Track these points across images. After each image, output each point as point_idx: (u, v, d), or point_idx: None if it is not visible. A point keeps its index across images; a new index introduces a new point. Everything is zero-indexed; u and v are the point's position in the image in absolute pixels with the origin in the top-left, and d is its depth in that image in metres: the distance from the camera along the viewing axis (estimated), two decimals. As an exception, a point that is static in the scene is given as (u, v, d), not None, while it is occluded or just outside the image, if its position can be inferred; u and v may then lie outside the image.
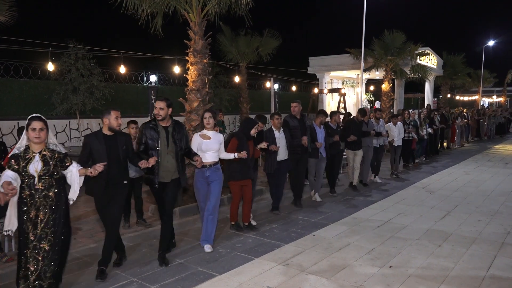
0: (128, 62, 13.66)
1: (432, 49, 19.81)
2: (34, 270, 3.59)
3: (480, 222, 6.20)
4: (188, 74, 7.60)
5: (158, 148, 4.59)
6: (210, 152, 5.14)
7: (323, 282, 4.14)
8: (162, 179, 4.63)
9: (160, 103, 4.61)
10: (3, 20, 8.39)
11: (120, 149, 4.27)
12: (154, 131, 4.62)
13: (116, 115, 4.26)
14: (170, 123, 4.72)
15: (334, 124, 7.94)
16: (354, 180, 8.61)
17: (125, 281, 4.20)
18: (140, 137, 4.69)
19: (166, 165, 4.63)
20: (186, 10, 7.33)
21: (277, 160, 6.51)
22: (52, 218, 3.65)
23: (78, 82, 11.15)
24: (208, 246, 5.05)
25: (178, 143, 4.69)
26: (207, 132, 5.20)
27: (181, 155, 4.76)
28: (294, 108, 7.11)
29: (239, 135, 5.67)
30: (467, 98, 35.92)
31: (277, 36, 15.85)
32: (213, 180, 5.14)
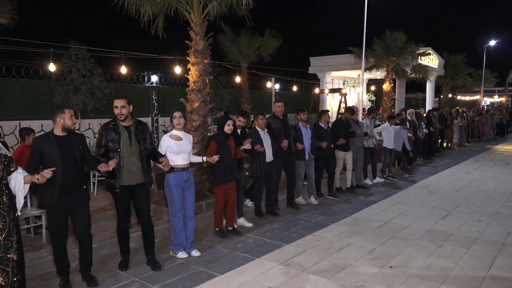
0: (129, 62, 13.69)
1: (433, 49, 19.80)
2: (5, 285, 3.34)
3: (481, 222, 6.21)
4: (189, 75, 7.62)
5: (120, 150, 4.29)
6: (184, 154, 4.82)
7: (324, 282, 4.15)
8: (126, 183, 4.34)
9: (120, 101, 4.28)
10: (4, 23, 8.42)
11: (76, 150, 3.96)
12: (115, 132, 4.32)
13: (70, 113, 3.97)
14: (132, 123, 4.43)
15: (324, 124, 7.67)
16: (348, 182, 8.41)
17: (127, 281, 4.22)
18: (99, 139, 4.35)
19: (130, 167, 4.34)
20: (187, 11, 7.35)
21: (268, 161, 6.36)
22: (12, 225, 3.40)
23: (79, 82, 11.16)
24: (196, 252, 4.93)
25: (142, 143, 4.41)
26: (178, 132, 4.86)
27: (146, 156, 4.47)
28: (278, 108, 6.90)
29: (217, 137, 5.44)
30: (469, 98, 35.87)
31: (278, 36, 15.88)
32: (190, 185, 4.91)
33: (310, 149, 7.23)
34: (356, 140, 8.49)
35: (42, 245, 5.27)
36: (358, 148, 8.57)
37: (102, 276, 4.33)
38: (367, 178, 9.22)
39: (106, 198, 7.75)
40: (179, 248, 4.87)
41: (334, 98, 20.37)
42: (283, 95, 20.20)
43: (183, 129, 4.94)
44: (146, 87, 14.40)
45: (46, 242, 5.31)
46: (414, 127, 11.26)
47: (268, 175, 6.47)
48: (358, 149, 8.60)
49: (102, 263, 4.70)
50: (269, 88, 18.08)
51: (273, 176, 6.57)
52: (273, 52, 16.10)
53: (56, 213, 3.90)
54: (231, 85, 16.41)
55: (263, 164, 6.26)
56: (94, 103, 11.42)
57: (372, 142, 9.22)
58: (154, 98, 14.28)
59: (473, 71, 27.26)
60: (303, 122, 7.21)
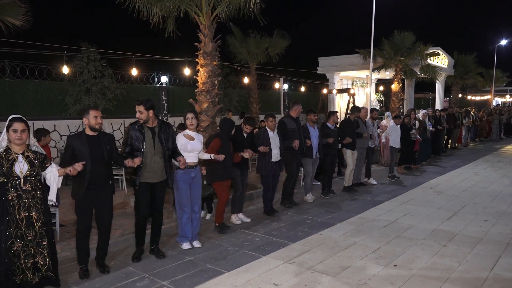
0: (139, 63, 13.91)
1: (443, 48, 19.73)
2: (43, 264, 3.87)
3: (486, 222, 6.24)
4: (198, 76, 7.77)
5: (143, 149, 4.59)
6: (194, 152, 5.15)
7: (328, 279, 4.25)
8: (148, 180, 4.67)
9: (139, 107, 4.61)
10: (18, 24, 8.63)
11: (104, 149, 4.27)
12: (140, 132, 4.63)
13: (95, 114, 4.23)
14: (157, 124, 4.72)
15: (332, 124, 7.84)
16: (349, 181, 8.50)
17: (137, 277, 4.36)
18: (126, 139, 4.71)
19: (153, 166, 4.65)
20: (197, 13, 7.50)
21: (274, 160, 6.55)
22: (45, 218, 3.87)
23: (91, 83, 11.40)
24: (198, 243, 5.26)
25: (165, 143, 4.71)
26: (191, 132, 5.20)
27: (169, 155, 4.79)
28: (298, 111, 7.14)
29: (222, 136, 5.74)
30: (479, 98, 35.55)
31: (286, 37, 16.00)
32: (197, 181, 5.21)
33: (317, 148, 7.41)
34: (362, 141, 8.64)
35: (56, 242, 5.43)
36: (364, 148, 8.80)
37: (113, 272, 4.48)
38: (371, 178, 9.34)
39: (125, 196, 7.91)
40: (184, 240, 5.20)
41: (342, 98, 20.41)
42: (291, 95, 20.28)
43: (195, 130, 5.26)
44: (156, 87, 14.60)
45: (59, 239, 5.47)
46: (424, 127, 11.25)
47: (274, 174, 6.65)
48: (363, 149, 8.81)
49: (113, 259, 4.85)
50: (277, 88, 18.17)
51: (276, 175, 6.73)
52: (281, 52, 16.23)
53: (84, 205, 4.27)
54: (239, 85, 16.55)
55: (269, 163, 6.48)
56: (105, 103, 11.64)
57: (372, 142, 9.34)
58: (164, 99, 14.46)
59: (484, 71, 27.05)
60: (311, 123, 7.39)
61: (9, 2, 8.25)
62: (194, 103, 7.75)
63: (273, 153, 6.52)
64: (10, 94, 11.00)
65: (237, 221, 6.27)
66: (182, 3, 7.29)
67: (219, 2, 7.41)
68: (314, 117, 7.44)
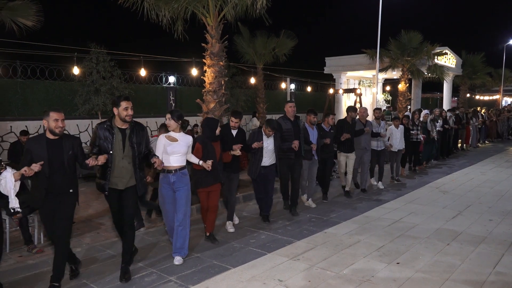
0: (147, 63, 14.08)
1: (450, 48, 19.64)
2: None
3: (491, 222, 6.27)
4: (205, 76, 7.89)
5: (112, 151, 4.17)
6: (176, 155, 4.71)
7: (332, 276, 4.33)
8: (114, 186, 4.25)
9: (129, 103, 4.21)
10: (30, 25, 8.80)
11: (65, 155, 3.92)
12: (109, 132, 4.20)
13: (55, 117, 3.87)
14: (128, 125, 4.27)
15: (327, 126, 7.39)
16: (347, 186, 8.10)
17: (145, 272, 4.48)
18: (93, 139, 4.26)
19: (120, 171, 4.22)
20: (204, 15, 7.61)
21: (264, 165, 6.14)
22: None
23: (100, 83, 11.57)
24: (178, 259, 4.72)
25: (136, 147, 4.28)
26: (174, 134, 4.77)
27: (140, 160, 4.34)
28: (290, 109, 6.69)
29: (202, 139, 5.29)
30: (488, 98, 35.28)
31: (293, 37, 16.06)
32: (179, 187, 4.72)
33: (315, 149, 7.07)
34: (361, 141, 8.15)
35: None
36: (363, 150, 8.24)
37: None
38: (380, 182, 8.93)
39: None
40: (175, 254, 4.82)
41: (349, 98, 20.41)
42: (298, 95, 20.35)
43: (181, 131, 4.84)
44: (164, 87, 14.77)
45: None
46: (425, 128, 10.95)
47: (265, 179, 6.24)
48: (363, 151, 8.27)
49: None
50: (284, 88, 18.25)
51: (269, 180, 6.30)
52: (288, 52, 16.28)
53: (45, 214, 4.01)
54: (246, 85, 16.65)
55: (258, 166, 6.10)
56: (114, 103, 11.79)
57: (377, 144, 8.80)
58: (172, 99, 14.64)
59: (492, 70, 26.85)
60: (310, 124, 7.05)
61: (21, 3, 8.41)
62: (201, 103, 7.87)
63: (263, 157, 6.12)
64: (22, 94, 11.22)
65: (230, 229, 5.95)
66: (189, 4, 7.40)
67: (226, 3, 7.52)
68: (314, 118, 7.04)
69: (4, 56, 11.20)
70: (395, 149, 9.37)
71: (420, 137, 10.41)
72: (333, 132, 7.48)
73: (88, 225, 6.21)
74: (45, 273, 4.37)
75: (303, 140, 6.73)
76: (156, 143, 4.78)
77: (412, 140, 10.20)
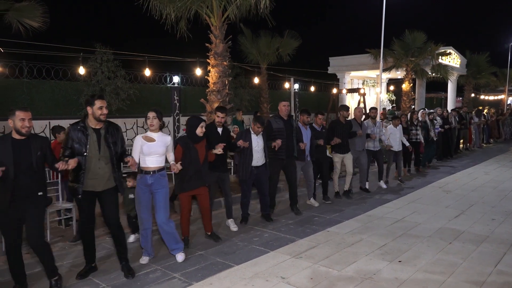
0: (152, 63, 14.17)
1: (455, 48, 19.62)
2: None
3: (494, 221, 6.29)
4: (209, 76, 7.95)
5: (86, 153, 4.05)
6: (154, 156, 4.57)
7: (334, 273, 4.38)
8: (91, 188, 4.13)
9: (104, 102, 4.11)
10: (36, 26, 8.91)
11: (33, 156, 3.74)
12: (83, 133, 4.07)
13: (22, 116, 3.71)
14: (103, 125, 4.18)
15: (318, 126, 7.22)
16: (346, 186, 7.99)
17: (150, 269, 4.55)
18: (65, 141, 4.11)
19: (98, 172, 4.11)
20: (208, 15, 7.67)
21: (256, 165, 5.99)
22: None
23: (104, 83, 11.67)
24: (181, 255, 4.74)
25: (113, 147, 4.18)
26: (152, 134, 4.64)
27: (117, 160, 4.25)
28: (284, 108, 6.50)
29: (183, 140, 5.07)
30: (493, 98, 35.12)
31: (297, 37, 16.12)
32: (157, 189, 4.59)
33: (309, 150, 6.93)
34: (356, 143, 7.93)
35: (72, 236, 5.66)
36: (358, 151, 8.03)
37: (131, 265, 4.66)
38: (381, 181, 8.87)
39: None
40: (144, 253, 4.79)
41: (353, 98, 20.43)
42: (302, 95, 20.37)
43: (159, 130, 4.74)
44: (168, 87, 14.85)
45: (75, 233, 5.69)
46: (426, 128, 10.72)
47: (257, 179, 6.12)
48: (359, 153, 8.06)
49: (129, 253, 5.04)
50: (287, 88, 18.29)
51: (262, 180, 6.17)
52: (292, 52, 16.33)
53: (8, 217, 3.74)
54: (250, 85, 16.71)
55: (248, 167, 5.95)
56: (118, 103, 11.90)
57: (373, 145, 8.56)
58: (176, 98, 14.69)
59: (497, 70, 26.76)
60: (303, 124, 6.89)
61: (27, 4, 8.52)
62: (205, 103, 7.94)
63: (254, 156, 5.95)
64: (28, 94, 11.35)
65: (233, 227, 5.93)
66: (193, 4, 7.47)
67: (229, 3, 7.58)
68: (307, 118, 6.89)
69: (10, 57, 11.33)
70: (396, 149, 9.19)
71: (419, 137, 10.22)
72: (324, 132, 7.33)
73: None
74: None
75: (296, 141, 6.55)
76: (134, 143, 4.61)
77: (412, 141, 10.00)
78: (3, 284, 4.18)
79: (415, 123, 10.24)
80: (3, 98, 10.81)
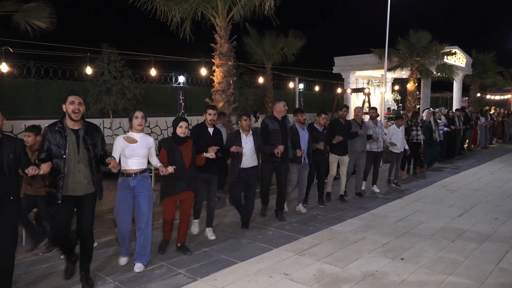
0: (158, 63, 14.30)
1: (461, 47, 19.55)
2: None
3: (497, 220, 6.32)
4: (214, 76, 8.04)
5: (65, 156, 3.82)
6: (136, 158, 4.38)
7: (336, 270, 4.44)
8: (72, 193, 3.89)
9: (77, 98, 3.86)
10: (43, 27, 9.04)
11: (4, 158, 3.49)
12: (61, 135, 3.83)
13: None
14: (82, 126, 3.95)
15: (320, 126, 6.97)
16: (341, 189, 7.68)
17: (155, 265, 4.63)
18: (42, 143, 3.87)
19: (77, 176, 3.89)
20: (213, 15, 7.75)
21: (243, 167, 5.69)
22: None
23: (111, 83, 11.80)
24: (139, 266, 4.48)
25: (92, 149, 3.97)
26: (134, 134, 4.43)
27: (96, 163, 4.02)
28: (283, 108, 6.26)
29: (167, 142, 4.83)
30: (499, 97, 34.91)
31: (301, 37, 16.18)
32: (140, 192, 4.40)
33: (306, 152, 6.58)
34: (356, 144, 7.62)
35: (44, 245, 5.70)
36: (358, 153, 7.70)
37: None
38: (375, 186, 8.43)
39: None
40: (123, 251, 4.63)
41: (358, 98, 20.42)
42: (306, 95, 20.43)
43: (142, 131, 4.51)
44: (174, 87, 14.97)
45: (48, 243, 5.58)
46: (430, 128, 10.45)
47: (245, 182, 5.82)
48: (358, 154, 7.72)
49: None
50: (292, 88, 18.35)
51: (250, 184, 5.87)
52: (297, 52, 16.39)
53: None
54: (255, 85, 16.79)
55: (237, 169, 5.69)
56: (125, 103, 12.03)
57: (377, 146, 8.29)
58: (181, 98, 14.83)
59: (503, 70, 26.60)
60: (300, 124, 6.61)
61: (35, 5, 8.66)
62: (210, 102, 8.02)
63: (243, 158, 5.68)
64: (35, 94, 11.51)
65: (195, 229, 5.66)
66: (199, 5, 7.55)
67: (234, 4, 7.65)
68: (302, 116, 6.63)
69: (18, 57, 11.50)
70: (398, 150, 8.85)
71: (420, 138, 9.76)
72: (325, 132, 7.04)
73: (99, 220, 6.36)
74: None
75: (291, 143, 6.29)
76: (114, 145, 4.38)
77: (412, 141, 9.59)
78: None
79: (414, 123, 9.75)
80: (12, 98, 10.97)
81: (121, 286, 4.13)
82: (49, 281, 4.23)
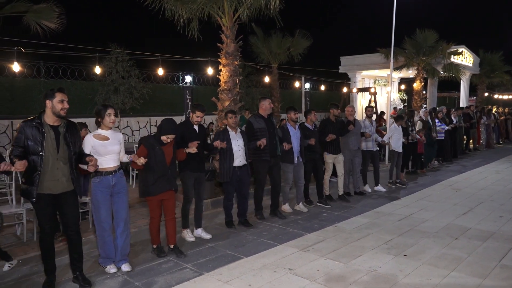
0: (164, 63, 14.45)
1: (468, 47, 19.47)
2: None
3: (501, 218, 6.34)
4: (220, 75, 8.14)
5: (42, 153, 3.72)
6: (111, 155, 4.29)
7: (340, 266, 4.52)
8: (48, 191, 3.80)
9: (65, 96, 3.83)
10: (53, 27, 9.20)
11: None
12: (38, 131, 3.73)
13: None
14: (62, 123, 3.88)
15: (310, 124, 6.98)
16: (339, 190, 7.67)
17: (162, 260, 4.74)
18: (17, 138, 3.73)
19: (56, 174, 3.81)
20: (219, 15, 7.85)
21: (239, 165, 5.73)
22: None
23: (119, 83, 11.96)
24: (128, 265, 4.46)
25: (72, 147, 3.89)
26: (104, 131, 4.32)
27: (75, 161, 3.96)
28: (269, 106, 6.21)
29: (147, 140, 4.72)
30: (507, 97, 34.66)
31: (308, 36, 16.19)
32: (119, 190, 4.36)
33: (299, 151, 6.61)
34: (349, 143, 7.62)
35: (88, 229, 5.90)
36: (353, 151, 7.71)
37: (143, 256, 4.88)
38: (367, 185, 8.35)
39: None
40: (107, 261, 4.43)
41: (364, 97, 20.42)
42: (312, 94, 20.46)
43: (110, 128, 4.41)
44: (181, 87, 15.11)
45: (91, 226, 5.91)
46: (429, 127, 10.38)
47: (239, 180, 5.83)
48: (354, 152, 7.74)
49: (141, 244, 5.26)
50: (298, 87, 18.41)
51: (244, 182, 5.90)
52: (303, 52, 16.43)
53: None
54: (261, 84, 16.88)
55: (230, 168, 5.68)
56: (132, 102, 12.19)
57: (372, 145, 8.33)
58: (188, 97, 14.96)
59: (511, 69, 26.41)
60: (292, 122, 6.64)
61: (45, 6, 8.82)
62: (217, 101, 8.12)
63: (235, 156, 5.69)
64: (45, 93, 11.69)
65: (190, 238, 5.41)
66: (205, 5, 7.65)
67: (240, 4, 7.74)
68: (295, 115, 6.61)
69: (29, 57, 11.71)
70: (399, 149, 8.85)
71: (416, 137, 9.59)
72: (316, 131, 7.07)
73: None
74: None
75: (279, 141, 6.29)
76: (83, 145, 4.23)
77: (412, 142, 9.51)
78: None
79: (410, 123, 9.62)
80: (23, 98, 11.17)
81: (129, 280, 4.25)
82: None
